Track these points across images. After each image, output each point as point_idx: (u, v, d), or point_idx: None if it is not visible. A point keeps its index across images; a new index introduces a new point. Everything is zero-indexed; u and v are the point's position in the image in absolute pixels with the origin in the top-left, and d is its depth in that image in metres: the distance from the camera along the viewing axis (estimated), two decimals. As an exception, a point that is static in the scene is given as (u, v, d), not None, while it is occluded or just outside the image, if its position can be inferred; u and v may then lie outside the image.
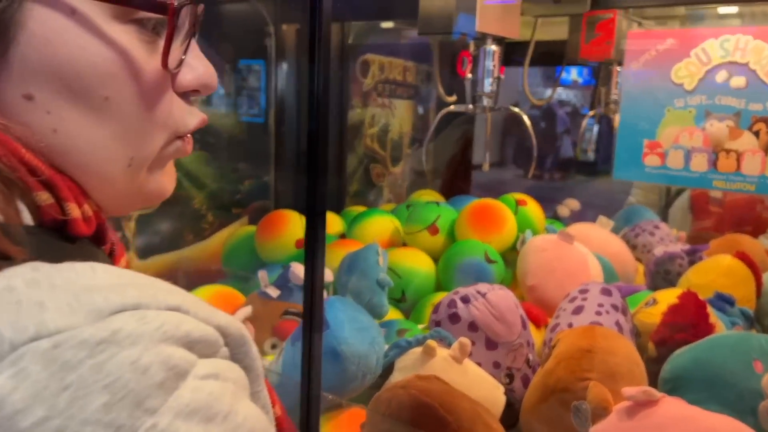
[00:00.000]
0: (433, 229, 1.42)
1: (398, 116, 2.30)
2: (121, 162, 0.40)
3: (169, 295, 0.33)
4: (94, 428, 0.28)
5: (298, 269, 1.06)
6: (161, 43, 0.39)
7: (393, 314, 1.25)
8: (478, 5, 1.16)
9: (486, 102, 1.26)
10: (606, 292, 1.05)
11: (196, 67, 0.42)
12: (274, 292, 1.07)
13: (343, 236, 1.56)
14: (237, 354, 0.37)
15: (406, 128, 2.36)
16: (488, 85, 1.24)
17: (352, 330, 0.86)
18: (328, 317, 0.85)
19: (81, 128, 0.37)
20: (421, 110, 2.40)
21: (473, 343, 0.96)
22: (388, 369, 0.89)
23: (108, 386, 0.29)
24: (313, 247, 0.74)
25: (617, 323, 0.99)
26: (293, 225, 1.44)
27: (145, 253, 1.57)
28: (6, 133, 0.35)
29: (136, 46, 0.38)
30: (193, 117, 0.43)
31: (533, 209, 1.48)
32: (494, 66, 1.24)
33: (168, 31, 0.38)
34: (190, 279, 1.59)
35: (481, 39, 1.24)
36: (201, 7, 0.42)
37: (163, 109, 0.40)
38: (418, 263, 1.32)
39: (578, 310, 1.03)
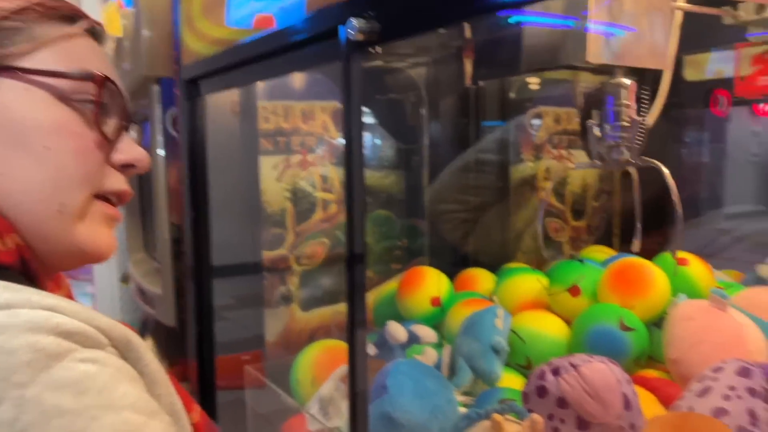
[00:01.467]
0: (574, 290, 1.31)
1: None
2: (52, 205, 0.48)
3: (44, 299, 0.40)
4: None
5: (394, 328, 1.06)
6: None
7: (513, 382, 1.17)
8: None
9: (618, 154, 1.05)
10: (744, 372, 0.87)
11: (129, 149, 0.53)
12: (372, 351, 1.08)
13: (492, 295, 1.51)
14: (127, 359, 0.42)
15: (590, 180, 2.22)
16: (614, 131, 1.04)
17: (413, 396, 0.83)
18: (389, 381, 0.84)
19: (22, 171, 0.48)
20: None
21: (562, 421, 0.86)
22: (456, 440, 0.84)
23: None
24: (352, 302, 0.74)
25: (750, 412, 0.81)
26: (430, 282, 1.44)
27: (306, 305, 1.69)
28: None
29: (75, 117, 0.49)
30: (118, 183, 0.53)
31: (697, 270, 1.28)
32: (623, 106, 1.02)
33: (96, 98, 0.49)
34: (342, 332, 1.66)
35: (609, 72, 1.03)
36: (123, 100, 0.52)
37: (92, 165, 0.50)
38: (546, 327, 1.22)
39: (704, 392, 0.86)
